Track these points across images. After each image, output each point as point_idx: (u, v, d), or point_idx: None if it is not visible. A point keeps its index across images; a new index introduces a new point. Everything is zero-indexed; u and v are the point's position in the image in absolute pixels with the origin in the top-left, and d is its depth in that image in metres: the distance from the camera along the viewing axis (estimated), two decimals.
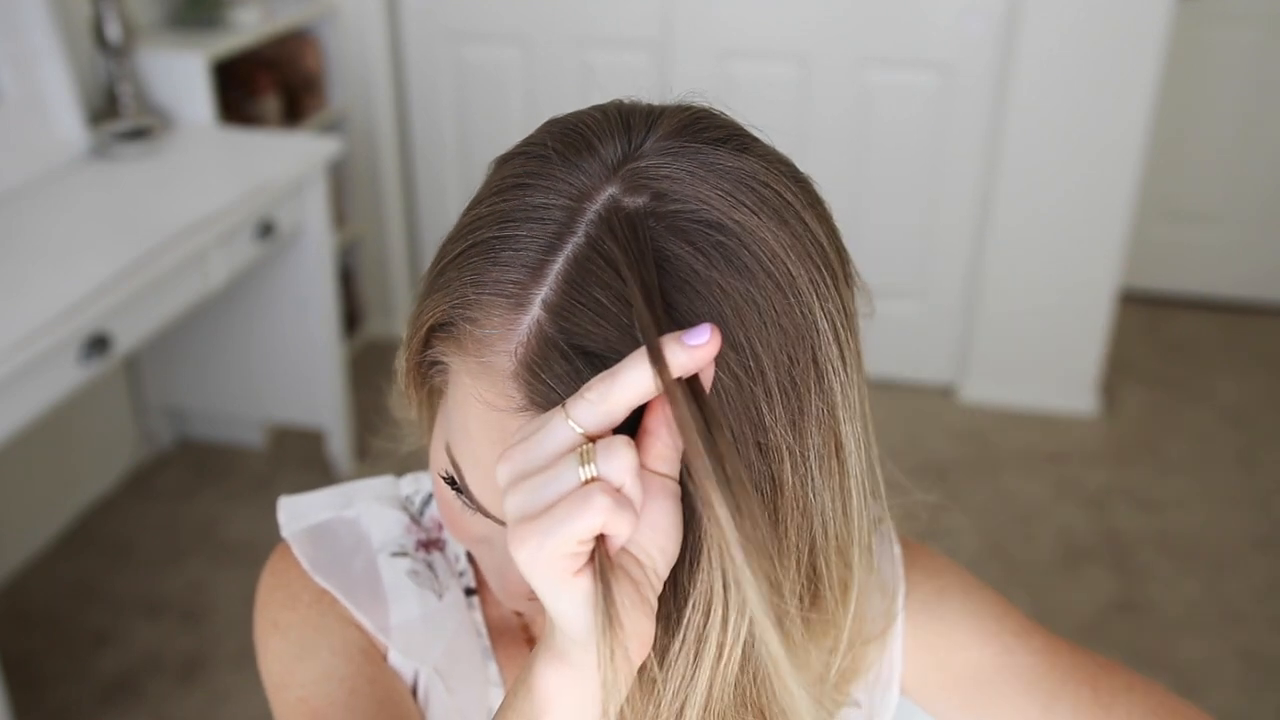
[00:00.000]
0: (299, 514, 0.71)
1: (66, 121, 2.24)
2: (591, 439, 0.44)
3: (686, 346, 0.43)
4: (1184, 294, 3.60)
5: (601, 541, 0.44)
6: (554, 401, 0.48)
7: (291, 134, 2.66)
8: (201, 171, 2.29)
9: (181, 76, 2.43)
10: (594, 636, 0.44)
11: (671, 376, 0.43)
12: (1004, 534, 2.55)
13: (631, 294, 0.46)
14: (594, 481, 0.43)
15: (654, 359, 0.43)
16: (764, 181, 0.51)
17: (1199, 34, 3.24)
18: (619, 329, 0.47)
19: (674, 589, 0.48)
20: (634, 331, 0.47)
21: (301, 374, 2.61)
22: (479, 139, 3.09)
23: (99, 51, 2.38)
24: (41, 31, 2.18)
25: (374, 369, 3.02)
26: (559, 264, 0.48)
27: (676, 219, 0.49)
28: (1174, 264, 3.58)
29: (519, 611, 0.72)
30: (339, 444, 2.65)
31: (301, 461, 2.75)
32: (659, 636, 0.48)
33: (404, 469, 0.80)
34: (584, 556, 0.44)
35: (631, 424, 0.45)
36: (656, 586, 0.47)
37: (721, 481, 0.42)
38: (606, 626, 0.44)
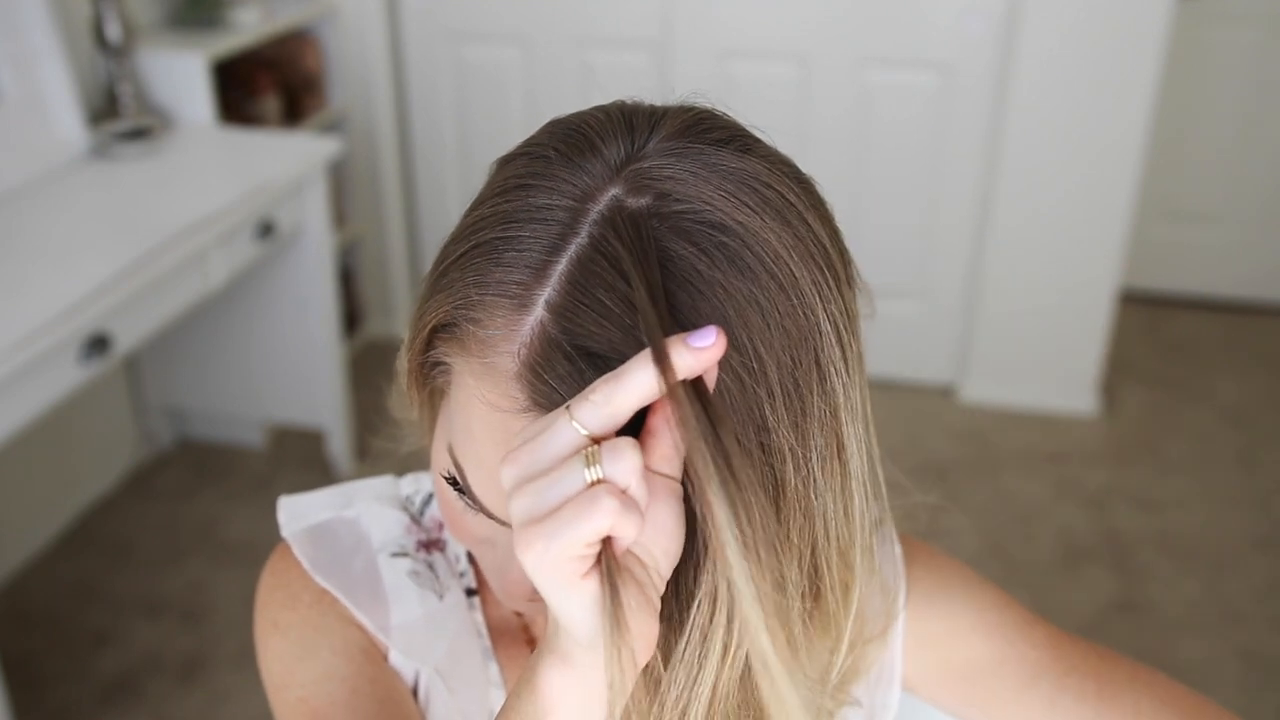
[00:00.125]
0: (299, 514, 0.71)
1: (66, 121, 2.24)
2: (596, 440, 0.43)
3: (692, 348, 0.43)
4: (1184, 294, 3.60)
5: (608, 544, 0.44)
6: (557, 402, 0.47)
7: (291, 134, 2.66)
8: (201, 171, 2.29)
9: (181, 76, 2.43)
10: (600, 639, 0.44)
11: (676, 378, 0.43)
12: (1004, 534, 2.55)
13: (636, 295, 0.46)
14: (600, 483, 0.43)
15: (659, 361, 0.43)
16: (767, 183, 0.51)
17: (1199, 34, 3.24)
18: (622, 330, 0.47)
19: (676, 589, 0.48)
20: (637, 332, 0.47)
21: (301, 374, 2.61)
22: (479, 139, 3.09)
23: (99, 51, 2.38)
24: (41, 31, 2.18)
25: (374, 369, 3.02)
26: (562, 264, 0.48)
27: (680, 220, 0.49)
28: (1174, 264, 3.58)
29: (519, 612, 0.71)
30: (339, 444, 2.65)
31: (301, 461, 2.75)
32: (664, 636, 0.48)
33: (404, 469, 0.80)
34: (591, 559, 0.44)
35: (634, 425, 0.45)
36: (660, 587, 0.47)
37: (726, 483, 0.42)
38: (614, 628, 0.44)
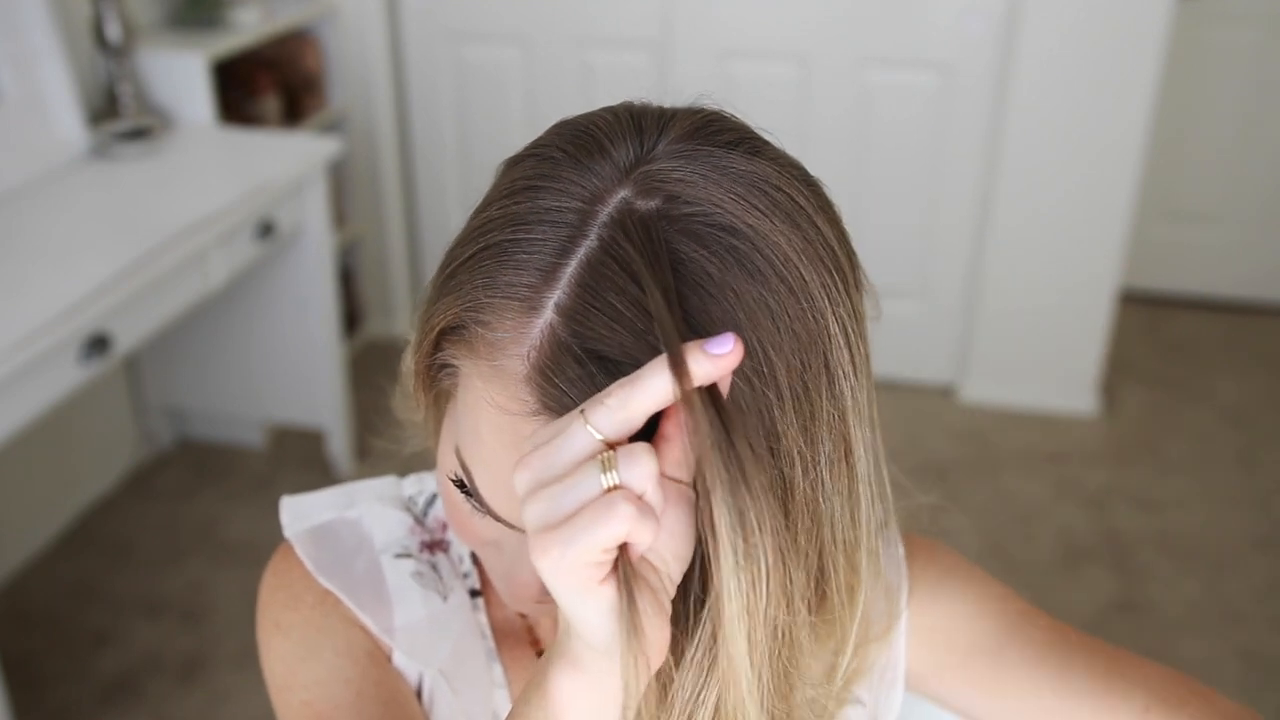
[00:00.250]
0: (301, 514, 0.71)
1: (66, 121, 2.24)
2: (610, 445, 0.43)
3: (710, 355, 0.43)
4: (1184, 294, 3.60)
5: (624, 550, 0.44)
6: (567, 406, 0.47)
7: (291, 134, 2.66)
8: (201, 171, 2.29)
9: (181, 76, 2.43)
10: (616, 645, 0.44)
11: (693, 385, 0.43)
12: (1004, 534, 2.55)
13: (650, 300, 0.46)
14: (616, 489, 0.42)
15: (676, 367, 0.43)
16: (776, 185, 0.51)
17: (1199, 34, 3.24)
18: (634, 334, 0.47)
19: (684, 593, 0.48)
20: (649, 337, 0.46)
21: (301, 374, 2.61)
22: (479, 139, 3.09)
23: (99, 51, 2.38)
24: (41, 31, 2.18)
25: (374, 369, 3.02)
26: (572, 267, 0.48)
27: (690, 222, 0.48)
28: (1174, 264, 3.58)
29: (523, 613, 0.71)
30: (339, 444, 2.65)
31: (301, 461, 2.75)
32: (676, 640, 0.48)
33: (406, 470, 0.80)
34: (608, 565, 0.43)
35: (644, 428, 0.45)
36: (671, 592, 0.46)
37: (738, 490, 0.42)
38: (630, 634, 0.44)
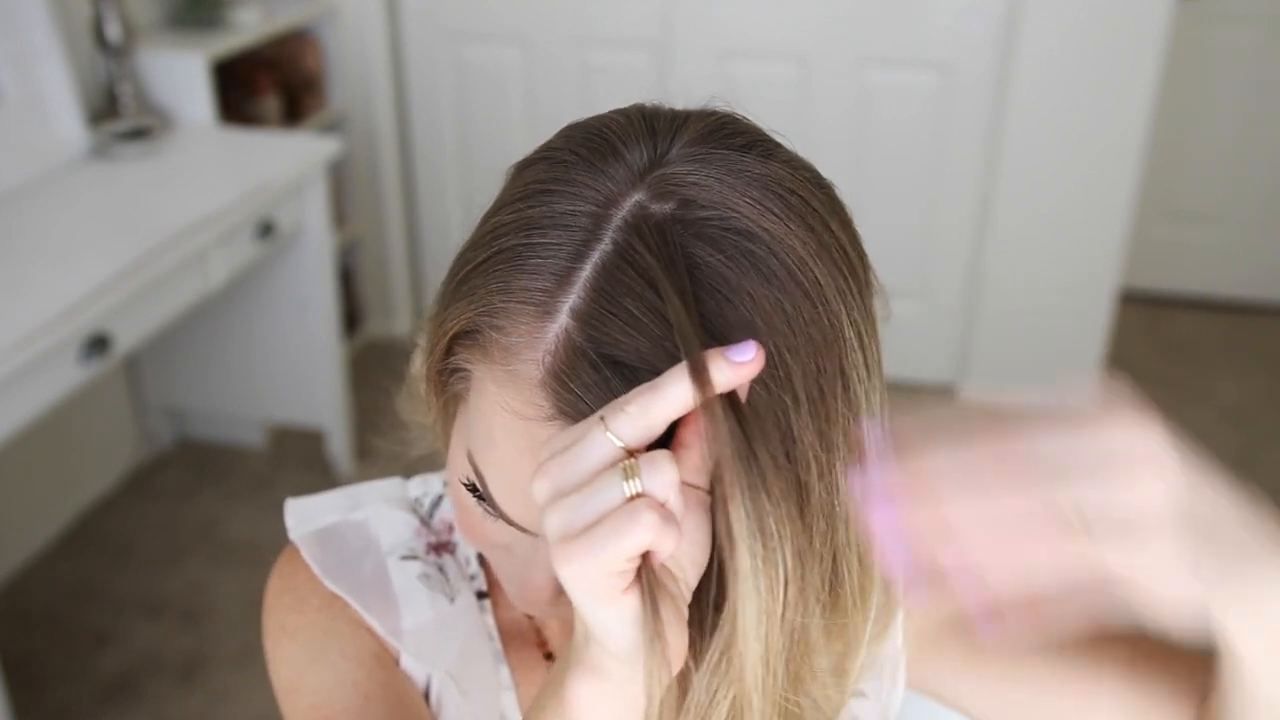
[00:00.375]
0: (306, 516, 0.71)
1: (66, 121, 2.24)
2: (631, 453, 0.43)
3: (732, 363, 0.43)
4: (1184, 294, 3.60)
5: (647, 558, 0.44)
6: (582, 411, 0.47)
7: (291, 134, 2.66)
8: (201, 171, 2.29)
9: (181, 76, 2.43)
10: (638, 652, 0.44)
11: (715, 393, 0.43)
12: None
13: (668, 306, 0.45)
14: (639, 497, 0.42)
15: (697, 375, 0.42)
16: (790, 188, 0.51)
17: (1199, 34, 3.24)
18: (650, 340, 0.46)
19: (698, 598, 0.48)
20: (666, 343, 0.46)
21: (301, 374, 2.61)
22: (479, 139, 3.09)
23: (99, 51, 2.38)
24: (41, 31, 2.18)
25: (374, 369, 3.02)
26: (587, 271, 0.48)
27: (705, 226, 0.48)
28: (1174, 264, 3.58)
29: (530, 615, 0.71)
30: (339, 444, 2.65)
31: (301, 461, 2.75)
32: (693, 643, 0.48)
33: (408, 470, 0.79)
34: (631, 574, 0.43)
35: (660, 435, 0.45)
36: (688, 598, 0.46)
37: (758, 497, 0.42)
38: (654, 642, 0.44)
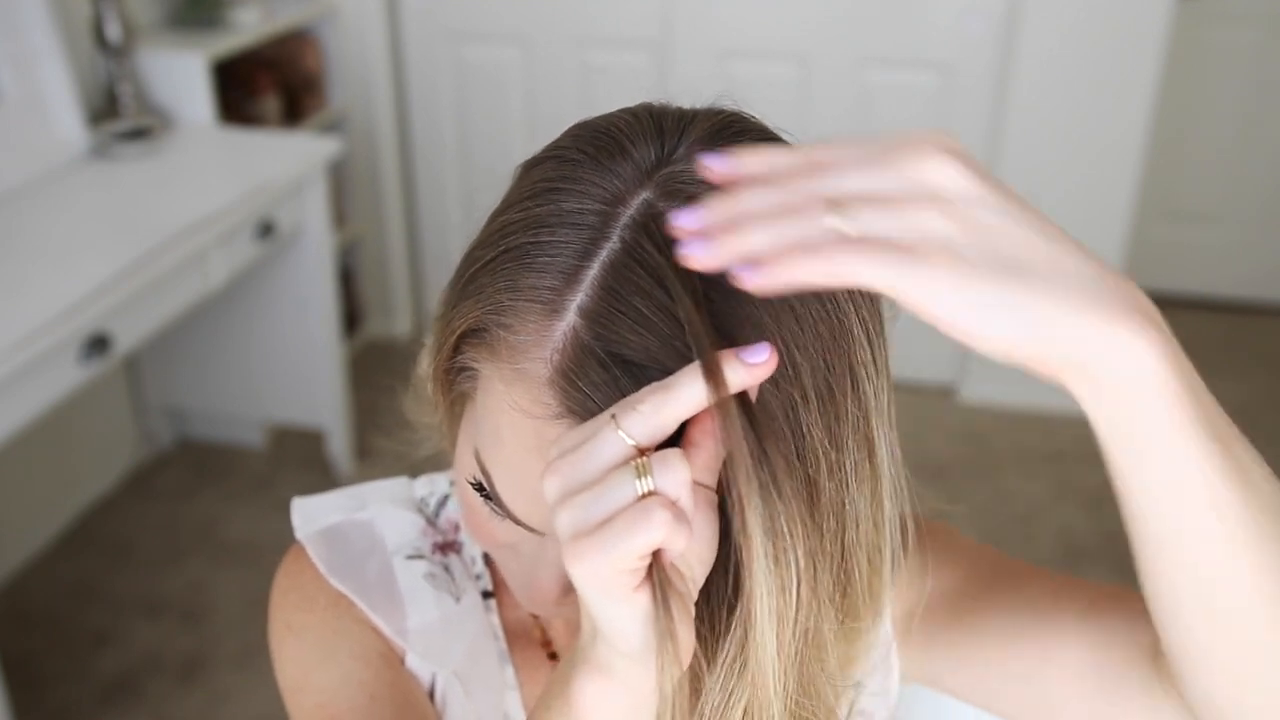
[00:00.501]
0: (312, 516, 0.71)
1: (66, 121, 2.24)
2: (642, 451, 0.43)
3: (746, 364, 0.43)
4: (1184, 294, 3.60)
5: (658, 556, 0.44)
6: (590, 409, 0.47)
7: (291, 134, 2.66)
8: (201, 171, 2.29)
9: (181, 76, 2.43)
10: (648, 650, 0.44)
11: (728, 393, 0.43)
12: (1004, 534, 2.55)
13: (679, 305, 0.45)
14: (650, 496, 0.42)
15: (711, 375, 0.42)
16: None
17: (1199, 34, 3.24)
18: (660, 338, 0.46)
19: (708, 598, 0.48)
20: (675, 341, 0.46)
21: (301, 374, 2.61)
22: (479, 139, 3.09)
23: (99, 51, 2.38)
24: (41, 31, 2.18)
25: (374, 369, 3.02)
26: (595, 270, 0.48)
27: None
28: (1174, 264, 3.58)
29: (536, 614, 0.71)
30: (339, 444, 2.65)
31: (301, 461, 2.75)
32: (706, 644, 0.48)
33: (413, 469, 0.79)
34: (642, 572, 0.43)
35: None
36: (695, 596, 0.47)
37: (769, 497, 0.42)
38: (664, 640, 0.44)
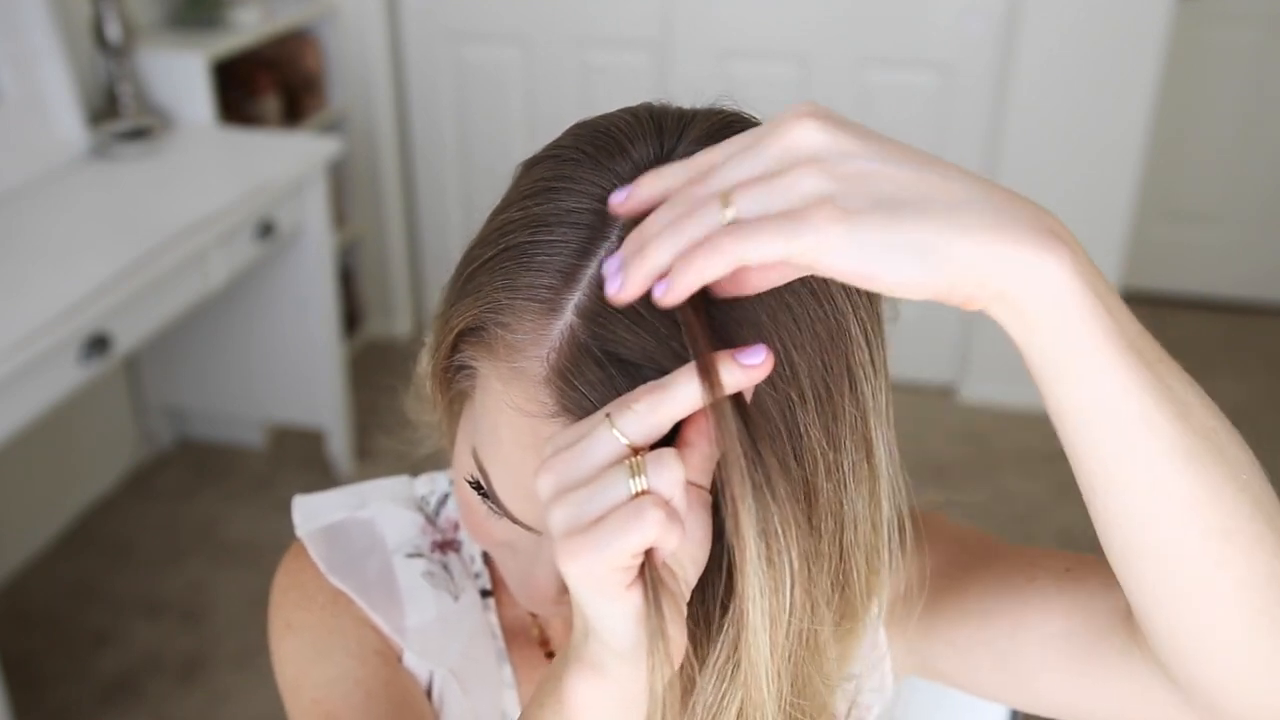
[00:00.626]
0: (313, 514, 0.71)
1: (66, 121, 2.24)
2: (636, 450, 0.43)
3: (742, 365, 0.43)
4: (1184, 294, 3.60)
5: (650, 555, 0.44)
6: (587, 408, 0.47)
7: (291, 134, 2.66)
8: (201, 171, 2.29)
9: (181, 76, 2.43)
10: (639, 649, 0.44)
11: (724, 394, 0.43)
12: (1004, 534, 2.53)
13: (677, 306, 0.45)
14: (644, 494, 0.42)
15: (707, 376, 0.42)
16: None
17: (1199, 34, 3.24)
18: (656, 338, 0.46)
19: (702, 598, 0.48)
20: (672, 342, 0.46)
21: (301, 374, 2.61)
22: (479, 139, 3.09)
23: (99, 51, 2.38)
24: (41, 31, 2.18)
25: (374, 369, 3.02)
26: (592, 269, 0.48)
27: None
28: (1174, 264, 3.58)
29: (534, 613, 0.71)
30: (339, 444, 2.65)
31: (301, 461, 2.75)
32: (699, 644, 0.48)
33: (413, 468, 0.79)
34: (634, 570, 0.43)
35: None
36: (687, 596, 0.47)
37: (762, 499, 0.42)
38: (655, 638, 0.44)
